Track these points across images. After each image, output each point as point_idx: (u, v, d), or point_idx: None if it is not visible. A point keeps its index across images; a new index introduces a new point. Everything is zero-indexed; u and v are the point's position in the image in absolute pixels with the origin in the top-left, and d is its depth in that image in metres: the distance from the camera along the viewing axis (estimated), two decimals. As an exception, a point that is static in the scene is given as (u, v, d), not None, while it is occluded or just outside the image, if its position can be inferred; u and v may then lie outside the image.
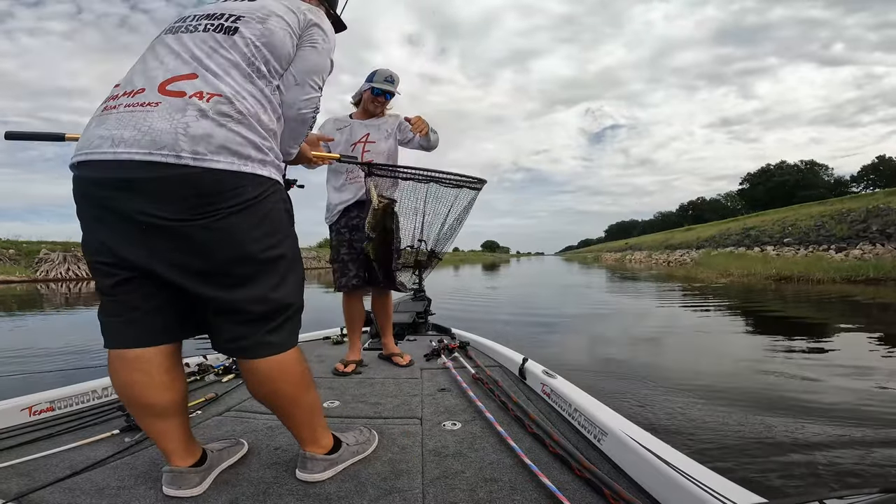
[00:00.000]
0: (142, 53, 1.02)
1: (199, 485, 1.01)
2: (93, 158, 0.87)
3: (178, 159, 0.84)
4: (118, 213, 0.87)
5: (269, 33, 1.01)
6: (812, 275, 12.71)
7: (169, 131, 0.85)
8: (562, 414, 1.47)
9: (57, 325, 7.15)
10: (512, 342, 2.85)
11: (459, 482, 1.04)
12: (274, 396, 1.02)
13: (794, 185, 52.21)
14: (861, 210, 17.16)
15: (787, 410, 2.55)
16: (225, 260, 0.91)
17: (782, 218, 23.08)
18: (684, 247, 29.74)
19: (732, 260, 18.68)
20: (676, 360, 4.05)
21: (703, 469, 0.91)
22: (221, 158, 0.88)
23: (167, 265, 0.90)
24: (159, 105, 0.88)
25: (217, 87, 0.91)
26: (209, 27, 0.99)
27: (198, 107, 0.88)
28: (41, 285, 15.86)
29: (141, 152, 0.84)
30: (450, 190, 1.88)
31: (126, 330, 0.96)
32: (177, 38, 0.99)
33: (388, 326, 2.30)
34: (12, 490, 0.99)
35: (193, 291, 0.93)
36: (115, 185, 0.86)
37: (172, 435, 1.01)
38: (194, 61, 0.94)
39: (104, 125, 0.89)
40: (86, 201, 0.92)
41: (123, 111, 0.89)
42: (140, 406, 0.98)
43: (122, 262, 0.92)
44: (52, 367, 3.75)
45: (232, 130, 0.90)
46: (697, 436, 2.23)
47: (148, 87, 0.90)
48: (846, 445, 2.05)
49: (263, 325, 0.96)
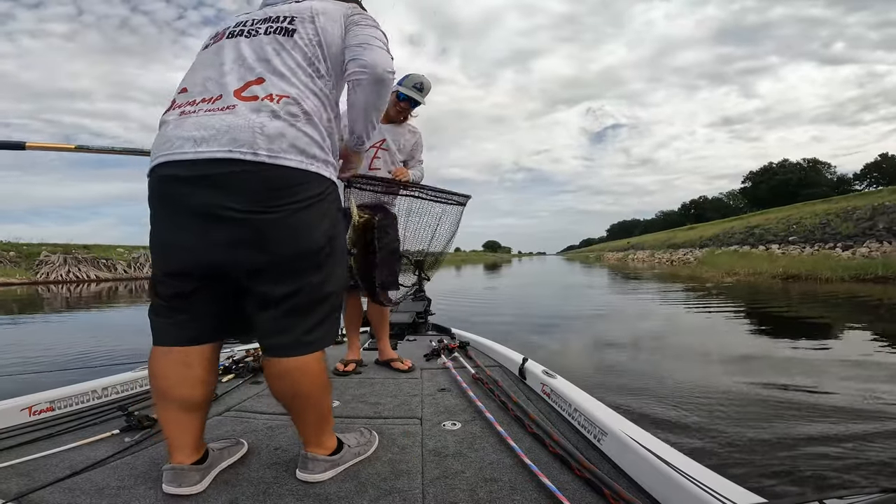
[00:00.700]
0: (202, 57, 1.08)
1: (199, 483, 1.02)
2: (175, 158, 0.93)
3: (256, 156, 0.91)
4: (197, 210, 0.93)
5: (322, 31, 1.06)
6: (820, 273, 12.55)
7: (246, 130, 0.91)
8: (562, 414, 1.47)
9: (59, 327, 7.17)
10: (511, 342, 2.85)
11: (459, 482, 1.04)
12: (296, 396, 1.03)
13: (796, 184, 52.00)
14: (867, 207, 17.02)
15: (788, 410, 2.54)
16: (289, 254, 0.96)
17: (787, 216, 22.93)
18: (687, 246, 29.59)
19: (737, 259, 18.50)
20: (677, 361, 4.04)
21: (703, 469, 0.91)
22: (292, 157, 0.94)
23: (234, 260, 0.95)
24: (236, 108, 0.94)
25: (284, 89, 0.97)
26: (269, 30, 1.04)
27: (270, 108, 0.94)
28: (41, 287, 15.93)
29: (222, 150, 0.90)
30: (435, 206, 1.89)
31: (174, 331, 1.02)
32: (240, 42, 1.04)
33: (383, 332, 2.23)
34: (12, 490, 0.99)
35: (251, 286, 0.97)
36: (198, 182, 0.92)
37: (191, 429, 1.03)
38: (262, 65, 1.00)
39: (183, 128, 0.95)
40: (165, 202, 0.98)
41: (203, 115, 0.95)
42: (171, 398, 1.01)
43: (189, 269, 0.97)
44: (52, 368, 3.77)
45: (300, 130, 0.96)
46: (697, 436, 2.22)
47: (224, 94, 0.97)
48: (846, 445, 2.04)
49: (306, 320, 1.00)
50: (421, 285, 3.19)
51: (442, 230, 1.98)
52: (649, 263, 30.15)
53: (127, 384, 1.75)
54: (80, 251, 20.07)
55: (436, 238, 2.01)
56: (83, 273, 18.82)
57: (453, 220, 1.97)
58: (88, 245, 21.52)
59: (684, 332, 5.74)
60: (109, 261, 20.42)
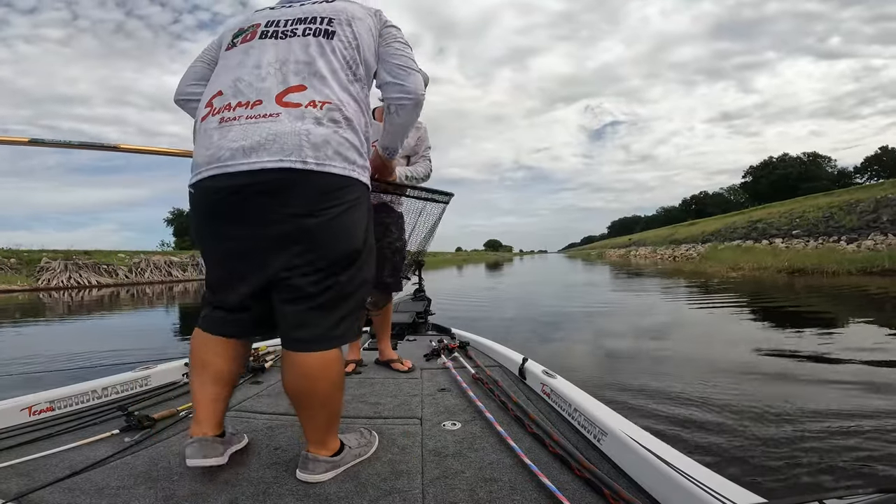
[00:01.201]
0: (232, 57, 1.07)
1: (222, 455, 1.05)
2: (226, 171, 0.95)
3: (305, 164, 0.94)
4: (248, 217, 0.97)
5: (359, 36, 1.08)
6: (826, 267, 12.45)
7: (293, 139, 0.94)
8: (562, 414, 1.46)
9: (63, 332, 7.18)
10: (513, 344, 2.84)
11: (459, 482, 1.04)
12: (311, 394, 1.04)
13: (797, 178, 51.75)
14: (870, 200, 16.91)
15: (788, 410, 2.54)
16: (333, 253, 1.00)
17: (789, 210, 22.84)
18: (689, 241, 29.50)
19: (740, 253, 18.37)
20: (679, 359, 4.03)
21: (703, 469, 0.90)
22: (337, 163, 0.98)
23: (283, 261, 0.98)
24: (280, 115, 0.96)
25: (326, 95, 1.00)
26: (307, 32, 1.04)
27: (314, 115, 0.97)
28: (43, 294, 15.89)
29: (272, 160, 0.93)
30: (417, 203, 1.89)
31: (220, 326, 1.09)
32: (277, 44, 1.04)
33: (385, 332, 2.21)
34: (12, 490, 0.99)
35: (286, 279, 0.99)
36: (249, 191, 0.95)
37: (218, 402, 1.09)
38: (303, 68, 1.00)
39: (228, 138, 0.96)
40: (217, 211, 1.00)
41: (246, 123, 0.96)
42: (209, 371, 1.07)
43: (242, 274, 1.02)
44: (52, 368, 3.78)
45: (343, 136, 1.00)
46: (697, 436, 2.22)
47: (265, 100, 0.98)
48: (846, 445, 2.04)
49: (334, 315, 1.03)
50: (421, 285, 3.20)
51: (420, 229, 2.00)
52: (652, 260, 30.08)
53: (127, 384, 1.75)
54: (81, 257, 20.03)
55: (414, 235, 2.02)
56: (84, 279, 18.72)
57: (433, 219, 1.98)
58: (89, 251, 21.48)
59: (690, 327, 5.73)
60: (110, 266, 20.35)
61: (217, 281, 1.09)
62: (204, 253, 1.10)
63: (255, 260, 1.00)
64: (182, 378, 1.90)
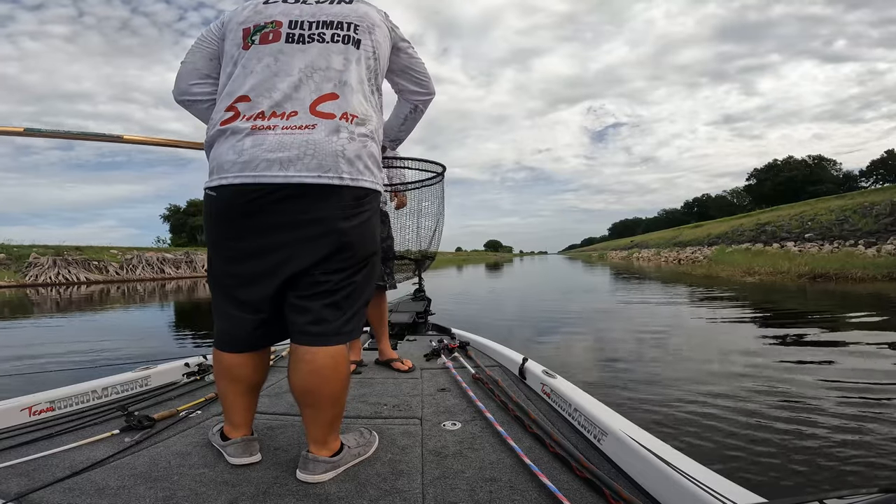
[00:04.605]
0: (255, 58, 1.03)
1: (258, 452, 1.15)
2: (263, 182, 0.98)
3: (341, 181, 1.00)
4: (280, 223, 1.00)
5: (379, 46, 1.11)
6: (850, 272, 11.73)
7: (330, 155, 0.99)
8: (562, 414, 1.46)
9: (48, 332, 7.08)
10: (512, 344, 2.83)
11: (459, 482, 1.04)
12: (318, 392, 1.05)
13: (802, 181, 51.60)
14: (885, 203, 16.41)
15: (788, 410, 2.52)
16: (357, 256, 1.06)
17: (799, 213, 22.40)
18: (695, 244, 29.08)
19: (751, 257, 17.77)
20: (679, 361, 4.01)
21: (703, 469, 0.90)
22: (367, 177, 1.05)
23: (310, 263, 1.02)
24: (316, 127, 0.99)
25: (355, 108, 1.03)
26: (336, 38, 1.05)
27: (347, 129, 1.01)
28: (30, 290, 15.55)
29: (311, 175, 0.97)
30: (414, 203, 1.90)
31: (242, 343, 1.13)
32: (307, 49, 1.03)
33: (383, 332, 2.21)
34: (12, 490, 0.99)
35: (306, 273, 1.03)
36: (285, 200, 0.98)
37: (253, 406, 1.18)
38: (334, 75, 1.03)
39: (264, 147, 0.98)
40: (248, 218, 1.01)
41: (282, 133, 0.98)
42: (242, 384, 1.14)
43: (269, 279, 1.03)
44: (52, 368, 3.78)
45: (370, 151, 1.06)
46: (697, 436, 2.21)
47: (300, 110, 1.00)
48: (846, 445, 2.02)
49: (347, 311, 1.06)
50: (421, 285, 3.19)
51: (425, 214, 2.01)
52: (656, 263, 29.61)
53: (127, 384, 1.75)
54: (72, 252, 19.58)
55: (422, 226, 2.02)
56: (73, 275, 18.30)
57: (434, 206, 1.98)
58: (81, 246, 21.00)
59: (699, 332, 5.67)
60: (101, 262, 19.87)
61: (236, 282, 1.07)
62: (222, 252, 1.08)
63: (282, 256, 1.01)
64: (182, 378, 1.91)
